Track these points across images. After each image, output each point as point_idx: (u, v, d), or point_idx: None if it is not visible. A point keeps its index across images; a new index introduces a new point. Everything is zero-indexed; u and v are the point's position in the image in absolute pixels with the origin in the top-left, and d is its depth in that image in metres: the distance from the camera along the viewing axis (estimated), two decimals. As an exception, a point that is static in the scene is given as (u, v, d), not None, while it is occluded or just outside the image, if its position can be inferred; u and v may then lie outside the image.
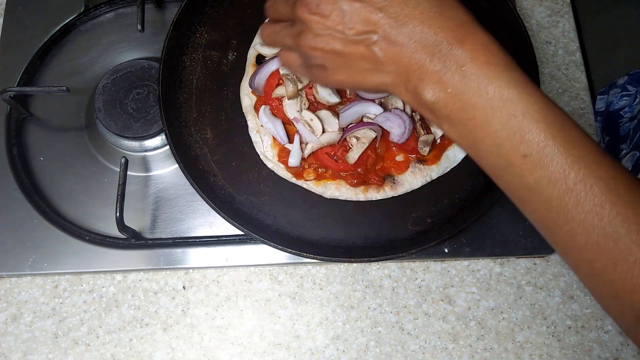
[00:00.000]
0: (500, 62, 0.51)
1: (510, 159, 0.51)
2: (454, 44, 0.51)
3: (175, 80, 0.88)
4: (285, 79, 0.81)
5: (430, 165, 0.83)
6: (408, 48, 0.52)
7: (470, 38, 0.52)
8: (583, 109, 0.96)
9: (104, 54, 0.97)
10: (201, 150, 0.85)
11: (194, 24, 0.92)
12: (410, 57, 0.52)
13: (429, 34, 0.52)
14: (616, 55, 1.71)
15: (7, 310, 0.83)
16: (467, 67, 0.51)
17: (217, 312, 0.83)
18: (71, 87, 0.88)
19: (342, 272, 0.85)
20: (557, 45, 1.00)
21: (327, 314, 0.83)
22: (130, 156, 0.87)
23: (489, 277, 0.85)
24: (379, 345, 0.81)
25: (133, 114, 0.90)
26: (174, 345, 0.81)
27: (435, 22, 0.52)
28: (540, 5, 1.03)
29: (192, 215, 0.87)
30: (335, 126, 0.81)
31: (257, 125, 0.85)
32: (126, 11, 1.00)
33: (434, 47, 0.52)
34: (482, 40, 0.52)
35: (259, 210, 0.82)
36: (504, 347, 0.81)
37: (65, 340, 0.82)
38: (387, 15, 0.52)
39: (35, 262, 0.84)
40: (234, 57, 0.91)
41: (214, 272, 0.85)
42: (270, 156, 0.84)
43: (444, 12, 0.52)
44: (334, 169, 0.82)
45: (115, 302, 0.83)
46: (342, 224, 0.82)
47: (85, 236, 0.85)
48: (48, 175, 0.90)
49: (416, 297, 0.84)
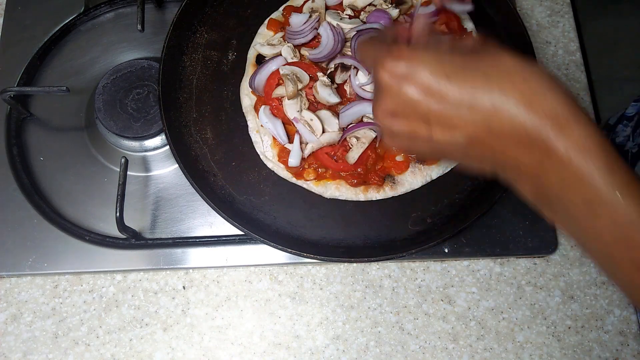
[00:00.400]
0: (600, 162, 0.47)
1: (619, 263, 0.49)
2: (549, 142, 0.47)
3: (175, 80, 0.88)
4: (285, 79, 0.81)
5: (430, 165, 0.83)
6: (501, 147, 0.50)
7: (566, 135, 0.47)
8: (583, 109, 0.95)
9: (104, 54, 0.97)
10: (201, 150, 0.85)
11: (194, 24, 0.92)
12: (505, 157, 0.49)
13: (522, 132, 0.48)
14: (616, 55, 1.71)
15: (7, 310, 0.83)
16: (564, 167, 0.48)
17: (217, 312, 0.83)
18: (71, 87, 0.88)
19: (342, 272, 0.85)
20: (557, 45, 1.00)
21: (327, 314, 0.83)
22: (130, 156, 0.87)
23: (489, 277, 0.85)
24: (379, 345, 0.81)
25: (133, 114, 0.90)
26: (174, 345, 0.81)
27: (528, 117, 0.48)
28: (540, 5, 1.03)
29: (192, 215, 0.87)
30: (335, 126, 0.81)
31: (257, 125, 0.85)
32: (126, 11, 1.00)
33: (528, 146, 0.48)
34: (580, 137, 0.47)
35: (259, 210, 0.82)
36: (504, 347, 0.81)
37: (65, 340, 0.82)
38: (475, 113, 0.49)
39: (35, 262, 0.84)
40: (234, 57, 0.91)
41: (214, 272, 0.85)
42: (270, 156, 0.84)
43: (536, 105, 0.48)
44: (334, 169, 0.82)
45: (115, 302, 0.83)
46: (342, 224, 0.82)
47: (85, 236, 0.85)
48: (48, 175, 0.90)
49: (416, 297, 0.84)
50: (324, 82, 0.82)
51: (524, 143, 0.48)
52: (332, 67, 0.84)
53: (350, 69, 0.83)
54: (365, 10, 0.89)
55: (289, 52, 0.85)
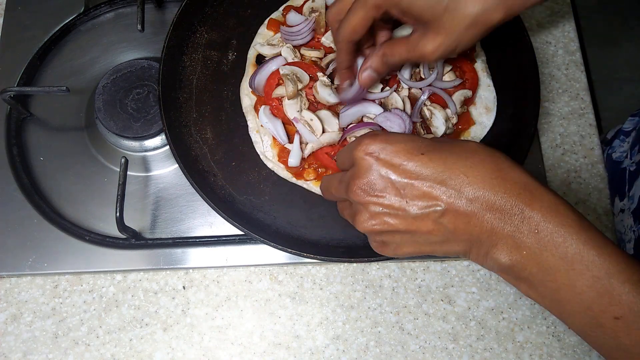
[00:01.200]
0: (574, 223, 0.50)
1: (600, 321, 0.49)
2: (523, 208, 0.50)
3: (175, 80, 0.88)
4: (285, 79, 0.81)
5: (430, 165, 0.83)
6: (477, 216, 0.51)
7: (538, 201, 0.50)
8: (583, 109, 0.96)
9: (104, 54, 0.97)
10: (201, 150, 0.85)
11: (194, 24, 0.92)
12: (481, 225, 0.51)
13: (496, 200, 0.50)
14: (616, 55, 1.71)
15: (7, 310, 0.83)
16: (541, 230, 0.50)
17: (217, 312, 0.83)
18: (71, 87, 0.88)
19: (342, 272, 0.85)
20: (557, 45, 1.00)
21: (327, 314, 0.83)
22: (130, 156, 0.87)
23: (489, 277, 0.85)
24: (379, 345, 0.81)
25: (133, 114, 0.90)
26: (174, 345, 0.81)
27: (500, 187, 0.51)
28: (540, 5, 1.03)
29: (192, 215, 0.87)
30: (335, 126, 0.81)
31: (257, 125, 0.85)
32: (126, 11, 1.00)
33: (503, 212, 0.50)
34: (550, 202, 0.51)
35: (259, 210, 0.82)
36: (504, 347, 0.81)
37: (65, 340, 0.82)
38: (449, 186, 0.51)
39: (35, 262, 0.84)
40: (234, 57, 0.91)
41: (214, 272, 0.85)
42: (270, 156, 0.84)
43: (505, 176, 0.51)
44: (334, 169, 0.82)
45: (115, 302, 0.83)
46: (342, 224, 0.81)
47: (85, 236, 0.85)
48: (48, 175, 0.90)
49: (416, 297, 0.84)
50: (324, 82, 0.82)
51: (499, 210, 0.51)
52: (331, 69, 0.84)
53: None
54: (365, 10, 0.89)
55: (289, 52, 0.85)
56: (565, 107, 0.96)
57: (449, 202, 0.52)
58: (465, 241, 0.53)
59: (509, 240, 0.51)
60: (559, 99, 0.96)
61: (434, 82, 0.83)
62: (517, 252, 0.51)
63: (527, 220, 0.50)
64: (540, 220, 0.50)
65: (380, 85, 0.82)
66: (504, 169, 0.52)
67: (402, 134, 0.56)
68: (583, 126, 0.94)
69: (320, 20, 0.87)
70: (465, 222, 0.52)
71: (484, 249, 0.53)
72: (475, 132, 0.86)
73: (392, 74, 0.84)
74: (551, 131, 0.94)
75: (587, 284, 0.49)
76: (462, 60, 0.87)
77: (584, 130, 0.94)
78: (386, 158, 0.53)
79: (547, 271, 0.50)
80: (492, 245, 0.52)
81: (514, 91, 0.87)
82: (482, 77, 0.87)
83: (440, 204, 0.52)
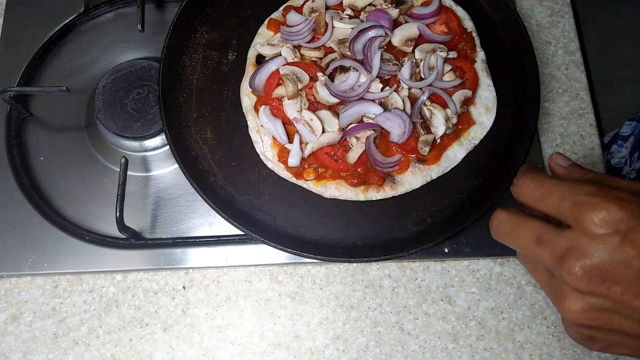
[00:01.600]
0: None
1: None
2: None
3: (175, 80, 0.88)
4: (285, 79, 0.81)
5: (430, 165, 0.83)
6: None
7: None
8: (583, 109, 0.96)
9: (104, 54, 0.97)
10: (201, 150, 0.85)
11: (194, 24, 0.92)
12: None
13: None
14: (616, 55, 1.71)
15: (7, 310, 0.83)
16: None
17: (217, 312, 0.83)
18: (71, 87, 0.88)
19: (342, 272, 0.85)
20: (557, 45, 1.00)
21: (327, 314, 0.83)
22: (130, 156, 0.87)
23: (489, 277, 0.85)
24: (379, 345, 0.81)
25: (133, 114, 0.90)
26: (174, 345, 0.81)
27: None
28: (540, 5, 1.03)
29: (192, 215, 0.87)
30: (335, 126, 0.81)
31: (257, 125, 0.85)
32: (126, 11, 1.00)
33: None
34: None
35: (259, 210, 0.82)
36: (504, 347, 0.81)
37: (65, 340, 0.82)
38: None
39: (35, 262, 0.84)
40: (234, 57, 0.91)
41: (214, 272, 0.85)
42: (270, 156, 0.84)
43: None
44: (334, 169, 0.82)
45: (115, 302, 0.83)
46: (342, 224, 0.82)
47: (85, 236, 0.85)
48: (48, 175, 0.90)
49: (416, 297, 0.84)
50: (324, 82, 0.82)
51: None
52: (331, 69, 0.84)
53: (350, 70, 0.83)
54: (365, 10, 0.89)
55: (289, 52, 0.85)
56: (565, 107, 0.96)
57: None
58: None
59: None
60: (559, 99, 0.96)
61: (433, 82, 0.83)
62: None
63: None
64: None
65: (380, 85, 0.82)
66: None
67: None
68: (583, 126, 0.95)
69: (320, 20, 0.87)
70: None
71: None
72: (475, 132, 0.86)
73: (392, 74, 0.84)
74: (551, 131, 0.94)
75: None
76: (462, 60, 0.87)
77: (584, 130, 0.94)
78: (637, 240, 0.41)
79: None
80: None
81: (514, 91, 0.87)
82: (482, 77, 0.87)
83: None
